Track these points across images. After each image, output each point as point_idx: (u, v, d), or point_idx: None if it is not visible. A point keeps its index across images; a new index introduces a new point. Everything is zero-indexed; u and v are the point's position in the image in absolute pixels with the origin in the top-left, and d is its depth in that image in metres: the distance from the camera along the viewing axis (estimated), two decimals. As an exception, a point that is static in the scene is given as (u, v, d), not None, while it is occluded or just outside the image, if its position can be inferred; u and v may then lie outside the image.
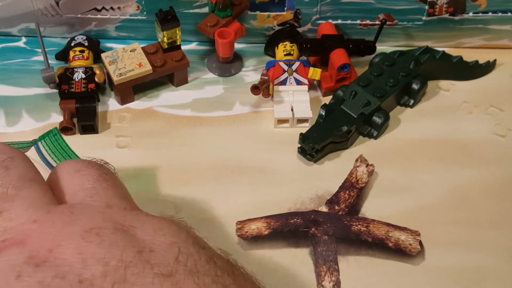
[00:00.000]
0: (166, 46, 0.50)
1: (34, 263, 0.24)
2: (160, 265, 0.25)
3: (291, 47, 0.52)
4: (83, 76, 0.49)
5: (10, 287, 0.23)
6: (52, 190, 0.30)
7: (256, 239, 0.41)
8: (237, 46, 0.54)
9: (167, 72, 0.50)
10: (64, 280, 0.23)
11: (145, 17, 0.52)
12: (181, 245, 0.27)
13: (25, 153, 0.36)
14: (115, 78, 0.48)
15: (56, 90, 0.48)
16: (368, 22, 0.53)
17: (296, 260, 0.40)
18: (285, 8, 0.52)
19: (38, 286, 0.23)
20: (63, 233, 0.25)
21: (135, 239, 0.26)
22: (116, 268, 0.24)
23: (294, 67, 0.50)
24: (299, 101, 0.49)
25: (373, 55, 0.52)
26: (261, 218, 0.42)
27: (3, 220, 0.26)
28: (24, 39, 0.55)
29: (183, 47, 0.51)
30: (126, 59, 0.49)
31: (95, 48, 0.52)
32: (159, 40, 0.50)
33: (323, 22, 0.53)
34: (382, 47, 0.54)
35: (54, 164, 0.41)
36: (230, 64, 0.53)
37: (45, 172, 0.33)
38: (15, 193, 0.27)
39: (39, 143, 0.42)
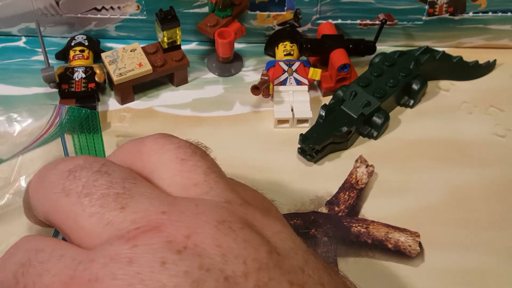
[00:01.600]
0: (166, 46, 0.50)
1: (175, 249, 0.22)
2: (291, 272, 0.23)
3: (291, 47, 0.52)
4: (83, 75, 0.49)
5: (156, 275, 0.21)
6: (151, 179, 0.27)
7: (256, 240, 0.41)
8: (237, 46, 0.54)
9: (167, 72, 0.50)
10: (210, 274, 0.21)
11: (145, 17, 0.52)
12: (302, 253, 0.24)
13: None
14: (115, 78, 0.48)
15: (56, 90, 0.48)
16: (368, 22, 0.53)
17: (296, 260, 0.40)
18: (285, 8, 0.52)
19: (185, 277, 0.21)
20: (196, 221, 0.23)
21: (262, 238, 0.24)
22: (254, 269, 0.22)
23: (294, 67, 0.50)
24: (299, 101, 0.49)
25: (373, 55, 0.52)
26: (261, 218, 0.42)
27: (129, 213, 0.24)
28: (24, 39, 0.55)
29: (183, 47, 0.51)
30: (126, 59, 0.49)
31: (95, 47, 0.52)
32: (159, 40, 0.50)
33: (323, 22, 0.53)
34: (382, 47, 0.54)
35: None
36: (230, 64, 0.53)
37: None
38: (129, 192, 0.25)
39: (65, 136, 0.36)
